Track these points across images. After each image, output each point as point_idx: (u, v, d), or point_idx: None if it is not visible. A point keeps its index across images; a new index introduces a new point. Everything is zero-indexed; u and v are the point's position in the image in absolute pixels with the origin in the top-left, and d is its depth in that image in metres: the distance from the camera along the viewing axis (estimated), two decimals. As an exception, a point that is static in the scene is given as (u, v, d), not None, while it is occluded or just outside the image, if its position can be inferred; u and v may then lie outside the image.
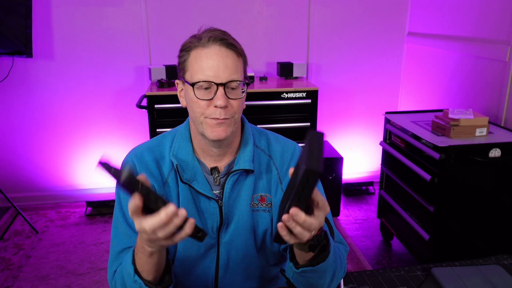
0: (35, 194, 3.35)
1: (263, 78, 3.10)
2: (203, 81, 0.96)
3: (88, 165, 3.31)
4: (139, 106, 2.77)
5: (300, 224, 0.75)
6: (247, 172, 1.06)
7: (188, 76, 0.99)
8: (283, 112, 2.86)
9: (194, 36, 1.00)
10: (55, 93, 3.16)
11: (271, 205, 1.09)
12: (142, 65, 3.19)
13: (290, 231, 0.77)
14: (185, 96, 1.03)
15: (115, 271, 1.00)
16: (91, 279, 2.42)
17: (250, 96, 2.79)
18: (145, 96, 2.78)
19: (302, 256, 0.90)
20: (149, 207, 0.74)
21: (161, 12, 3.11)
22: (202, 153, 1.07)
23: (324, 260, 0.88)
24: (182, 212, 0.75)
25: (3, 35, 2.67)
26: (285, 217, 0.75)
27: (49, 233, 2.93)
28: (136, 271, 0.89)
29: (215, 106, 0.96)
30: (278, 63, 3.16)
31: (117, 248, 1.03)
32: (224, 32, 1.01)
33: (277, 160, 1.11)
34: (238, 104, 1.00)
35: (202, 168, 1.06)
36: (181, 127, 1.10)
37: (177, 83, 1.06)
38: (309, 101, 2.86)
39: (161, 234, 0.75)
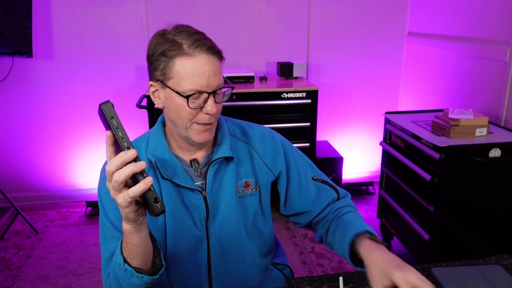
0: (35, 194, 3.35)
1: (263, 78, 3.10)
2: (197, 92, 0.96)
3: (88, 165, 3.31)
4: (139, 106, 2.77)
5: None
6: (227, 160, 1.09)
7: (173, 84, 0.97)
8: (283, 112, 2.86)
9: (165, 38, 0.97)
10: (55, 93, 3.16)
11: (259, 188, 1.14)
12: (142, 65, 3.19)
13: None
14: (167, 100, 1.01)
15: (109, 273, 1.01)
16: (91, 279, 2.42)
17: (250, 96, 2.79)
18: (145, 96, 2.78)
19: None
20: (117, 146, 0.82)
21: (161, 12, 3.11)
22: (180, 149, 1.09)
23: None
24: (141, 163, 0.78)
25: (3, 35, 2.67)
26: None
27: (49, 233, 2.93)
28: (126, 261, 0.91)
29: (206, 113, 0.99)
30: (278, 63, 3.16)
31: (107, 252, 1.04)
32: (204, 36, 0.99)
33: (257, 145, 1.15)
34: (221, 107, 1.04)
35: (181, 162, 1.08)
36: (154, 129, 1.12)
37: (152, 85, 1.03)
38: (309, 101, 2.85)
39: (116, 176, 0.78)
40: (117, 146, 0.81)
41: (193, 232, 1.09)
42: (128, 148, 0.79)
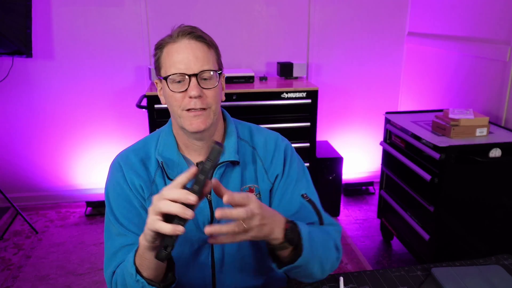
0: (35, 194, 3.35)
1: (263, 78, 3.10)
2: (174, 74, 0.98)
3: (88, 165, 3.31)
4: (139, 106, 2.77)
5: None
6: (233, 163, 1.08)
7: (163, 73, 1.02)
8: (283, 112, 2.86)
9: (168, 35, 1.03)
10: (55, 93, 3.16)
11: (260, 195, 1.12)
12: (142, 65, 3.19)
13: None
14: (164, 92, 1.05)
15: (114, 272, 1.01)
16: (91, 279, 2.42)
17: (250, 96, 2.79)
18: (145, 96, 2.78)
19: (282, 255, 0.94)
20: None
21: (161, 12, 3.11)
22: (186, 148, 1.09)
23: (301, 255, 0.91)
24: (189, 212, 0.78)
25: (3, 35, 2.67)
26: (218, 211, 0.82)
27: (49, 233, 2.93)
28: (138, 272, 0.90)
29: (190, 97, 0.99)
30: (278, 63, 3.16)
31: (112, 249, 1.04)
32: (194, 27, 1.04)
33: (260, 150, 1.13)
34: (214, 94, 1.01)
35: (188, 164, 1.08)
36: (165, 127, 1.13)
37: (156, 82, 1.08)
38: (309, 101, 2.85)
39: (162, 204, 0.78)
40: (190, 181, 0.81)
41: (197, 235, 1.08)
42: (195, 193, 0.79)
